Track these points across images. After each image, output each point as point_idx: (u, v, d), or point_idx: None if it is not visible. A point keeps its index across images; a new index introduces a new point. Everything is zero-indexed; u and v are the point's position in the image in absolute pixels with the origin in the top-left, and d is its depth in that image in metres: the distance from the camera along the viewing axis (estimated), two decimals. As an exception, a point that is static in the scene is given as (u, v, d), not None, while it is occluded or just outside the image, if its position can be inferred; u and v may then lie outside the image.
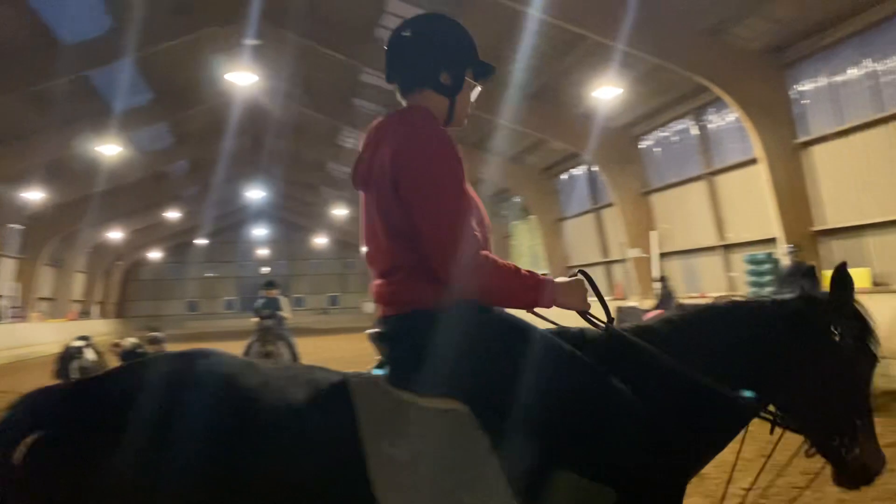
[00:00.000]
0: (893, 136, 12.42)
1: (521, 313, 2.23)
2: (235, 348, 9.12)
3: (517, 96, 19.39)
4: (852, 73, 13.11)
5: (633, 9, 13.05)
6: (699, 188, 18.13)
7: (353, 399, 1.94)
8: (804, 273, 2.48)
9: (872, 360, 2.36)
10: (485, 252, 2.12)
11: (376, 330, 2.20)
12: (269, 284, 9.53)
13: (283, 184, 38.84)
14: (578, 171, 24.85)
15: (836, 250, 14.08)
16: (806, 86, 14.20)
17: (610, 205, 21.91)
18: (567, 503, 1.90)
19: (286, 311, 9.03)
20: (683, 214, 19.05)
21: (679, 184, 18.94)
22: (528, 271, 2.18)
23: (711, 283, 18.29)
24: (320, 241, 52.31)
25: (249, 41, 17.96)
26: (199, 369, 1.89)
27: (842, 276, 2.40)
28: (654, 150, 19.98)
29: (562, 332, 2.29)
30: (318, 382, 1.98)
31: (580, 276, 2.24)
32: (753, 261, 15.31)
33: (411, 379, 2.00)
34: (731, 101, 14.44)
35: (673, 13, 13.91)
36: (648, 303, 16.73)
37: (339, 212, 39.56)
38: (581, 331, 2.29)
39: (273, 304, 9.02)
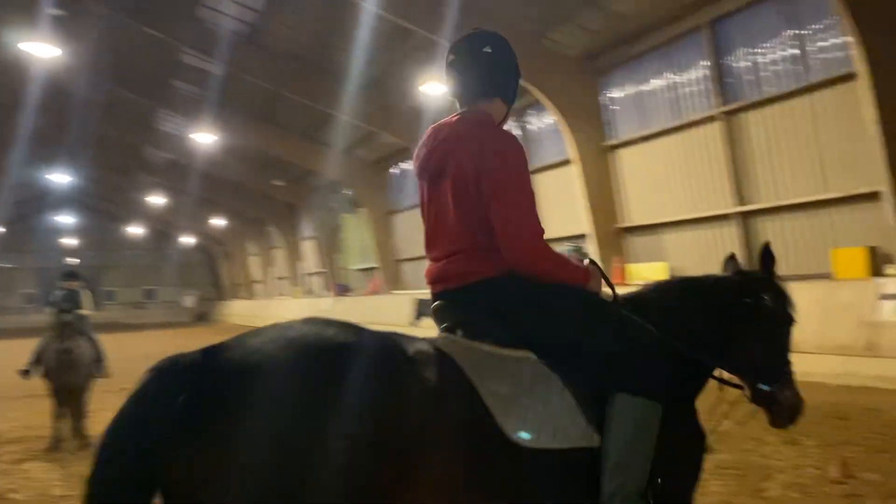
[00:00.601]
0: (688, 143, 13.70)
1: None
2: (30, 346, 8.28)
3: (348, 88, 19.26)
4: (656, 83, 14.29)
5: (455, 7, 13.37)
6: (521, 185, 18.93)
7: (450, 355, 2.31)
8: (732, 257, 3.08)
9: (791, 321, 2.91)
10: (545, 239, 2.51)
11: (439, 302, 2.58)
12: (69, 275, 8.64)
13: (92, 168, 35.89)
14: (408, 165, 25.11)
15: (638, 246, 15.32)
16: (615, 93, 15.29)
17: (437, 199, 22.31)
18: (627, 419, 2.34)
19: (86, 306, 8.25)
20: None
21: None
22: (567, 258, 2.62)
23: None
24: (135, 230, 48.90)
25: (51, 11, 16.38)
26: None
27: (768, 256, 2.92)
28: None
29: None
30: (419, 347, 2.32)
31: (595, 267, 2.70)
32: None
33: (487, 334, 2.42)
34: (549, 105, 15.24)
35: (495, 15, 14.39)
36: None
37: (156, 200, 37.28)
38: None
39: (73, 297, 8.18)
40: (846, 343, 9.35)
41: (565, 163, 16.66)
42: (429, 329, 2.65)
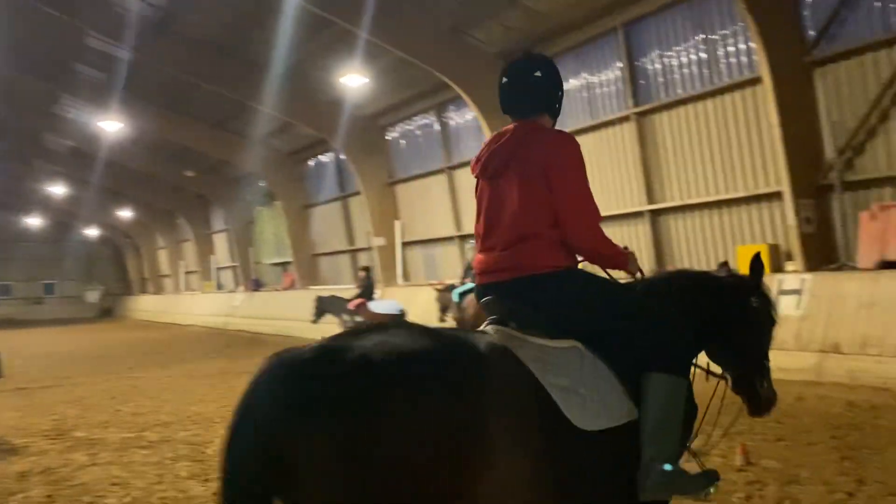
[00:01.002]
0: (603, 142, 14.03)
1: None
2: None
3: (264, 77, 18.79)
4: (572, 82, 14.56)
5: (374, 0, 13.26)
6: (440, 181, 19.02)
7: (512, 351, 2.58)
8: (724, 263, 3.57)
9: (774, 322, 3.31)
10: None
11: (489, 297, 2.88)
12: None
13: (-14, 155, 33.77)
14: (326, 157, 24.78)
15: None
16: (534, 91, 15.49)
17: (357, 193, 22.16)
18: (659, 394, 2.67)
19: None
20: (425, 205, 19.86)
21: (422, 176, 19.70)
22: (614, 243, 2.94)
23: (449, 271, 19.29)
24: (33, 221, 46.25)
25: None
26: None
27: (757, 263, 3.28)
28: (400, 141, 20.57)
29: (629, 285, 3.12)
30: (487, 345, 2.59)
31: (632, 252, 3.05)
32: (486, 251, 16.37)
33: (537, 326, 2.72)
34: (469, 101, 15.31)
35: (416, 10, 14.36)
36: (387, 291, 17.18)
37: (57, 189, 35.44)
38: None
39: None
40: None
41: (484, 159, 16.75)
42: (329, 326, 2.61)
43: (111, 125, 23.00)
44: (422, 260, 20.56)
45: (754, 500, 5.03)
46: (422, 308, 16.85)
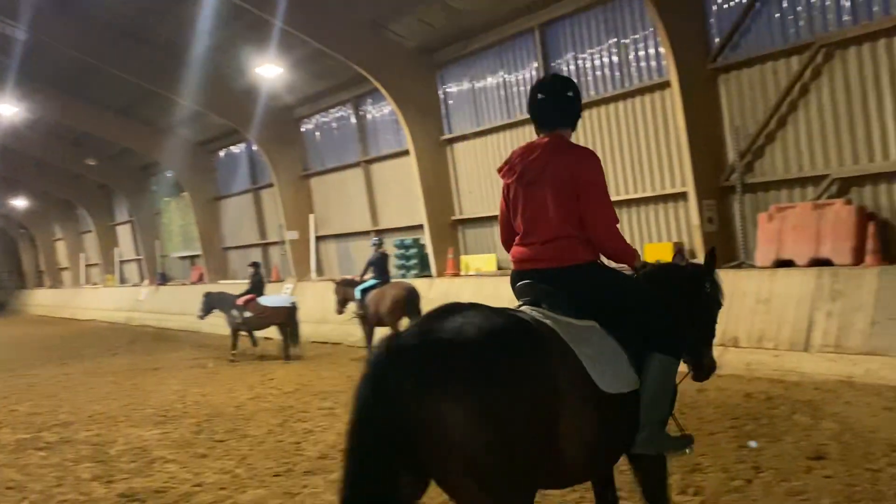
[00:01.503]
0: (519, 140, 14.22)
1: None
2: None
3: (174, 63, 18.12)
4: (490, 80, 14.72)
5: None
6: (356, 174, 18.85)
7: (550, 325, 3.09)
8: (680, 251, 4.26)
9: (720, 305, 3.98)
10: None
11: (527, 281, 3.44)
12: None
13: None
14: (238, 148, 24.15)
15: (469, 238, 15.74)
16: (452, 87, 15.58)
17: (270, 185, 21.70)
18: (657, 370, 3.28)
19: None
20: (340, 199, 19.65)
21: (337, 169, 19.48)
22: (628, 243, 3.53)
23: (364, 266, 19.13)
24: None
25: None
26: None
27: (713, 256, 3.96)
28: (315, 133, 20.26)
29: (633, 277, 3.70)
30: (537, 322, 3.08)
31: (636, 250, 3.61)
32: (402, 245, 16.39)
33: (563, 308, 3.25)
34: (387, 95, 15.24)
35: (334, 1, 14.16)
36: (290, 285, 16.91)
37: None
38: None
39: None
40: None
41: (403, 153, 16.75)
42: (216, 323, 2.56)
43: (6, 108, 21.75)
44: (336, 254, 20.34)
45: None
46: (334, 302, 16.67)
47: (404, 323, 12.23)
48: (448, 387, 2.58)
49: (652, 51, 11.74)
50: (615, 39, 12.28)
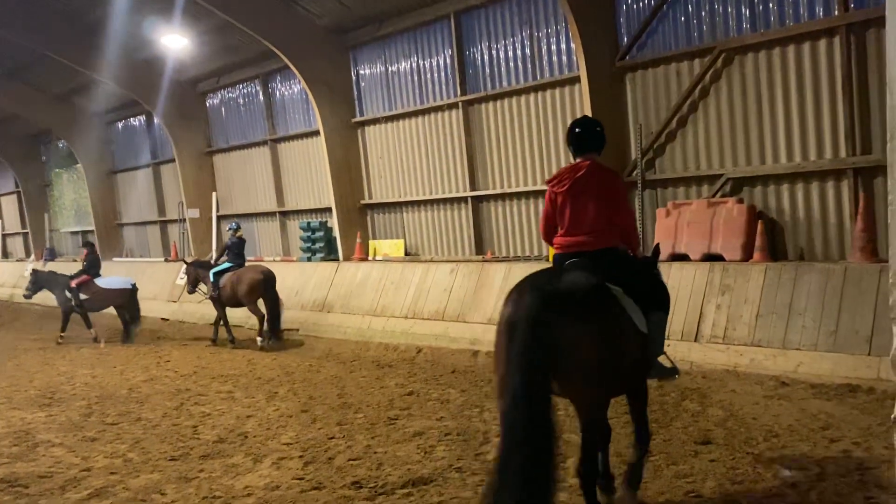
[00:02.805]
0: (431, 127, 14.25)
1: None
2: None
3: (69, 26, 17.10)
4: (404, 65, 14.63)
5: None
6: (262, 153, 18.38)
7: (607, 287, 4.34)
8: (657, 247, 5.48)
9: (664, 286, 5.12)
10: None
11: (574, 259, 4.64)
12: None
13: None
14: (137, 121, 23.07)
15: (378, 222, 15.66)
16: (365, 69, 15.40)
17: (171, 161, 20.86)
18: (657, 321, 4.62)
19: None
20: (245, 178, 19.12)
21: (243, 147, 18.93)
22: (638, 237, 5.18)
23: (268, 247, 18.77)
24: None
25: None
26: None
27: (658, 249, 5.45)
28: (221, 109, 19.60)
29: (645, 259, 5.18)
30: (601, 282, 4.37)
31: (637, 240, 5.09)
32: (308, 228, 16.12)
33: (606, 277, 4.39)
34: (297, 73, 14.90)
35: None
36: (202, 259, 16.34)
37: None
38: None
39: None
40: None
41: (313, 134, 16.45)
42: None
43: None
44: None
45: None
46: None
47: (260, 305, 12.57)
48: (579, 323, 3.96)
49: (564, 45, 11.97)
50: (528, 32, 12.45)
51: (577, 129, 4.84)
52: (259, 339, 12.55)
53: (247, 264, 13.53)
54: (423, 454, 5.95)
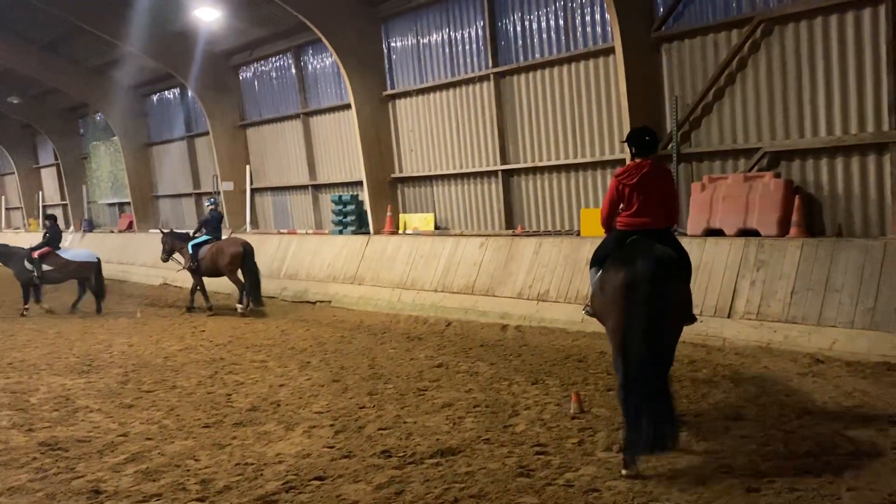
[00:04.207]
0: (462, 99, 14.15)
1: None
2: None
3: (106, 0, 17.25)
4: (435, 37, 14.51)
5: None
6: (294, 126, 18.44)
7: (685, 255, 5.74)
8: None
9: None
10: None
11: (638, 234, 5.53)
12: None
13: None
14: (171, 94, 23.28)
15: (408, 196, 15.66)
16: (397, 42, 15.30)
17: (205, 134, 21.04)
18: (689, 284, 5.70)
19: None
20: (277, 151, 19.23)
21: (275, 120, 19.01)
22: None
23: (301, 220, 18.91)
24: None
25: None
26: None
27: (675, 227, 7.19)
28: (254, 82, 19.68)
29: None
30: (663, 247, 5.38)
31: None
32: (340, 201, 16.20)
33: (667, 247, 5.43)
34: (329, 46, 14.86)
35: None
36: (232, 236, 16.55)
37: None
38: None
39: None
40: (588, 293, 10.34)
41: (344, 107, 16.45)
42: (144, 273, 2.45)
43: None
44: (272, 207, 19.97)
45: (586, 444, 5.39)
46: (269, 256, 16.44)
47: (239, 275, 13.42)
48: (677, 278, 5.27)
49: (598, 16, 11.75)
50: (562, 2, 12.24)
51: (647, 137, 5.74)
52: (239, 305, 13.43)
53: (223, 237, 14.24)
54: (452, 425, 5.99)
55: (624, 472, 4.68)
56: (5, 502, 4.65)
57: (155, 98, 24.12)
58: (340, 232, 15.91)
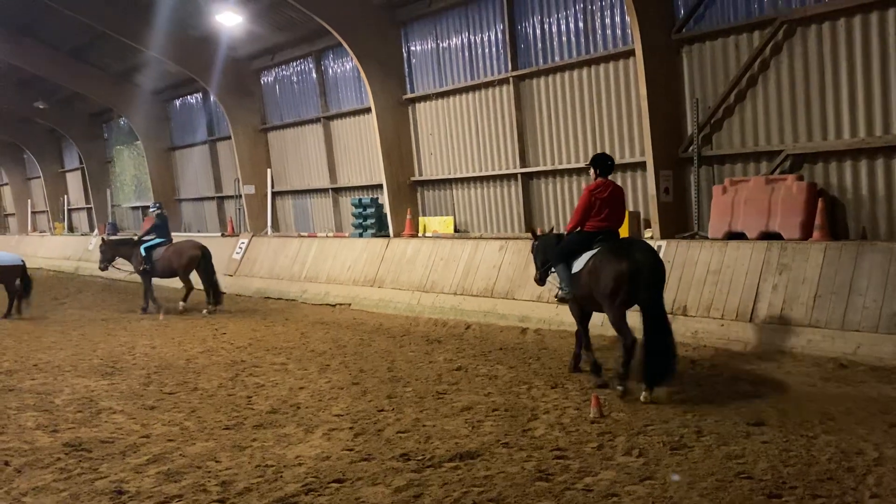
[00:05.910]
0: (482, 103, 14.16)
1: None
2: None
3: (128, 6, 17.49)
4: (454, 40, 14.53)
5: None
6: (315, 130, 18.56)
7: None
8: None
9: None
10: None
11: (604, 235, 7.37)
12: None
13: None
14: (194, 98, 23.53)
15: (428, 199, 15.69)
16: (416, 45, 15.36)
17: (227, 138, 21.24)
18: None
19: None
20: (298, 155, 19.36)
21: (296, 124, 19.15)
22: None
23: (321, 223, 19.02)
24: None
25: None
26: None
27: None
28: (275, 86, 19.83)
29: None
30: (642, 244, 7.37)
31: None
32: (360, 204, 16.26)
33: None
34: (350, 50, 14.95)
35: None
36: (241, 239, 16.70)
37: None
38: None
39: None
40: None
41: (365, 111, 16.53)
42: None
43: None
44: (293, 211, 20.10)
45: (605, 449, 5.36)
46: (290, 259, 16.55)
47: (194, 277, 14.09)
48: (660, 262, 6.93)
49: (618, 19, 11.71)
50: (582, 5, 12.21)
51: (608, 162, 7.48)
52: (182, 303, 14.14)
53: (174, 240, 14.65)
54: (471, 428, 5.99)
55: (619, 387, 6.75)
56: (30, 502, 4.72)
57: (178, 102, 24.39)
58: (360, 235, 15.97)
